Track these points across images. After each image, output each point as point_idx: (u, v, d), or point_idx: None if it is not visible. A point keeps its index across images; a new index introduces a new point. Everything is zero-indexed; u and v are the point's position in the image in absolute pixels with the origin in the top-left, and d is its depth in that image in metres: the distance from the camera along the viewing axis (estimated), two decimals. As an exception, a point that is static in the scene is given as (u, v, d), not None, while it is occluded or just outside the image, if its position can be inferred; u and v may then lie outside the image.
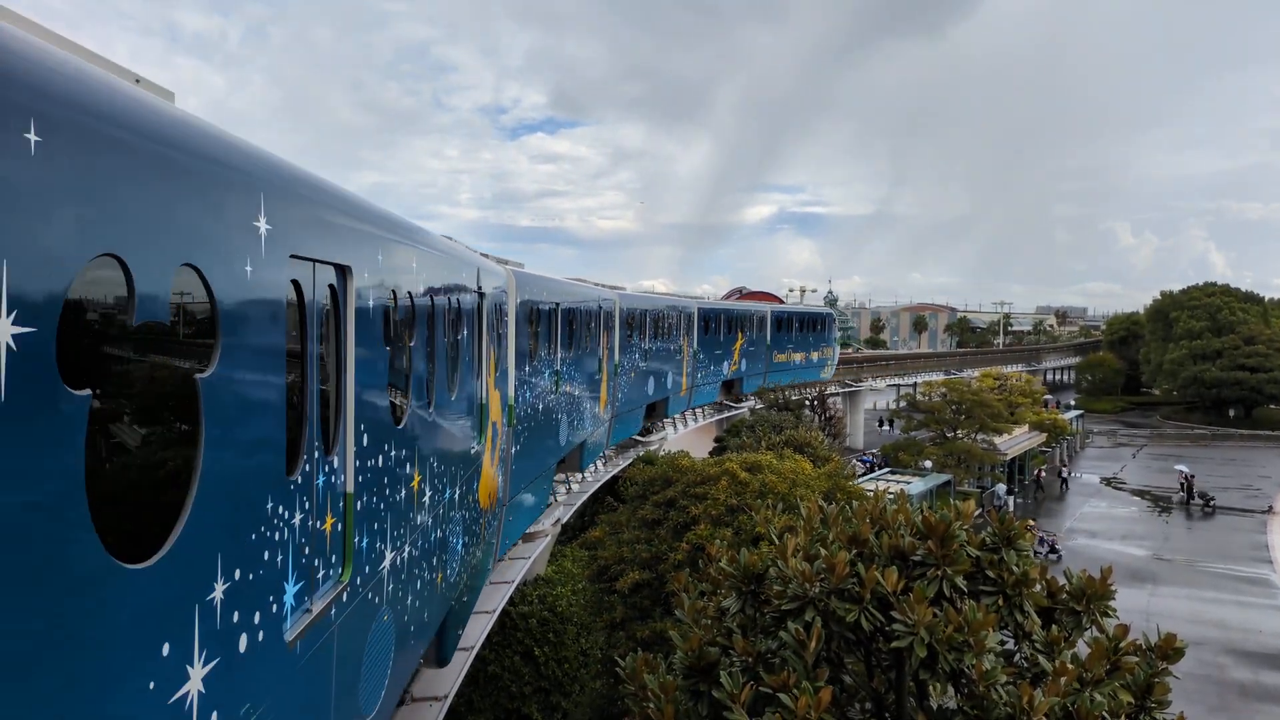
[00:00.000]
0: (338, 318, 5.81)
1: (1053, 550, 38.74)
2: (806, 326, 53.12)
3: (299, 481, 5.06)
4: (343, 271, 5.82)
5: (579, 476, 25.99)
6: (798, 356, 51.64)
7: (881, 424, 77.38)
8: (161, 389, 3.91)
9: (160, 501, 3.72)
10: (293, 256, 4.84)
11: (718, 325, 40.85)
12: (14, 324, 2.56)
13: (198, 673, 3.75)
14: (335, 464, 5.71)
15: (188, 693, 3.67)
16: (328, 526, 5.57)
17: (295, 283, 4.99)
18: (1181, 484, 51.87)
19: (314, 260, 5.28)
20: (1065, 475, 56.56)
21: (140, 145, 3.38)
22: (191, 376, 3.80)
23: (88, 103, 3.06)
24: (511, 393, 14.41)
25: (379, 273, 6.58)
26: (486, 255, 14.15)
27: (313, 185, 5.41)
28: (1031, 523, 39.52)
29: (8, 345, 2.53)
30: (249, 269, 4.22)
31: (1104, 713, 6.29)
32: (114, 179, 3.14)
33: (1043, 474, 55.72)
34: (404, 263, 7.43)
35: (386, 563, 7.00)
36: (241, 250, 4.16)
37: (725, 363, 42.98)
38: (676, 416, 42.30)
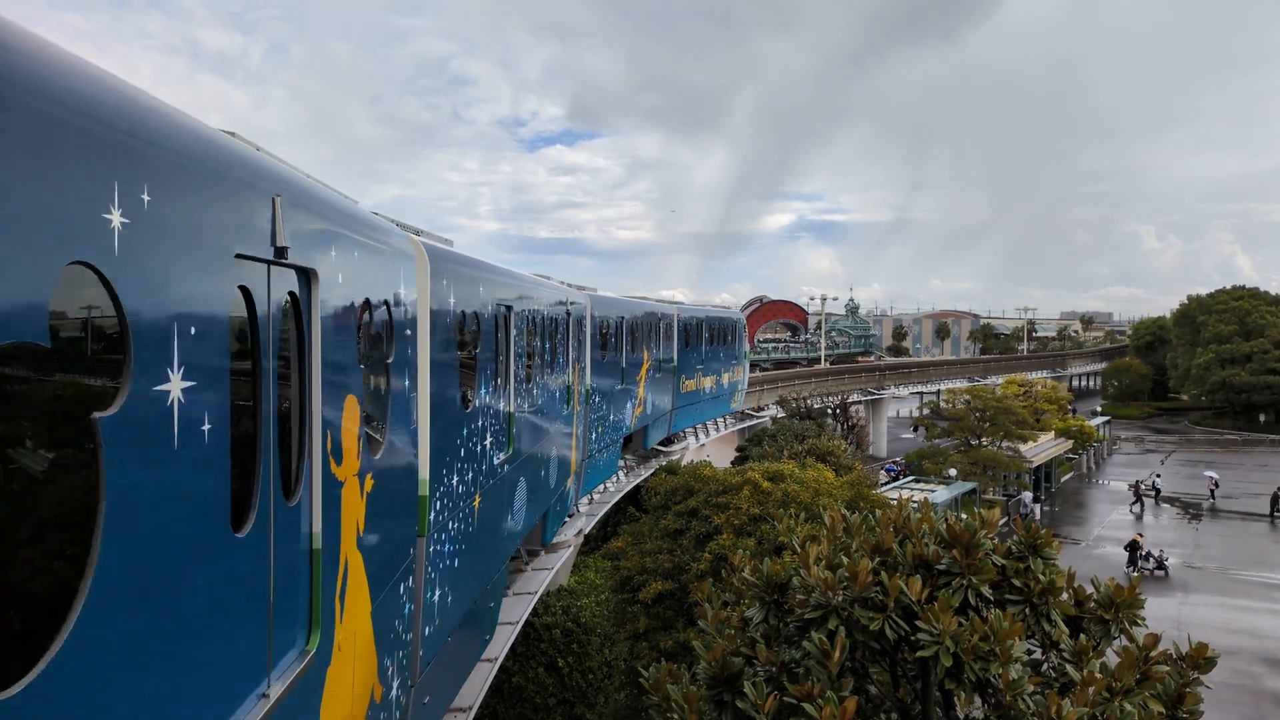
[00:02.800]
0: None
1: (1160, 566, 37.03)
2: (717, 338, 37.52)
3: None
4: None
5: (602, 487, 26.21)
6: (708, 383, 36.53)
7: (916, 429, 76.67)
8: None
9: None
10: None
11: (617, 339, 23.88)
12: None
13: None
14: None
15: None
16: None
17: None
18: (1210, 490, 51.12)
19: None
20: (1152, 487, 52.24)
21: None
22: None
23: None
24: None
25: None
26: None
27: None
28: (1139, 536, 38.32)
29: None
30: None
31: (1133, 722, 6.21)
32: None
33: (1141, 486, 51.35)
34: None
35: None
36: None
37: (628, 405, 25.95)
38: (699, 425, 41.73)
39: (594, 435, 21.96)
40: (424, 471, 8.36)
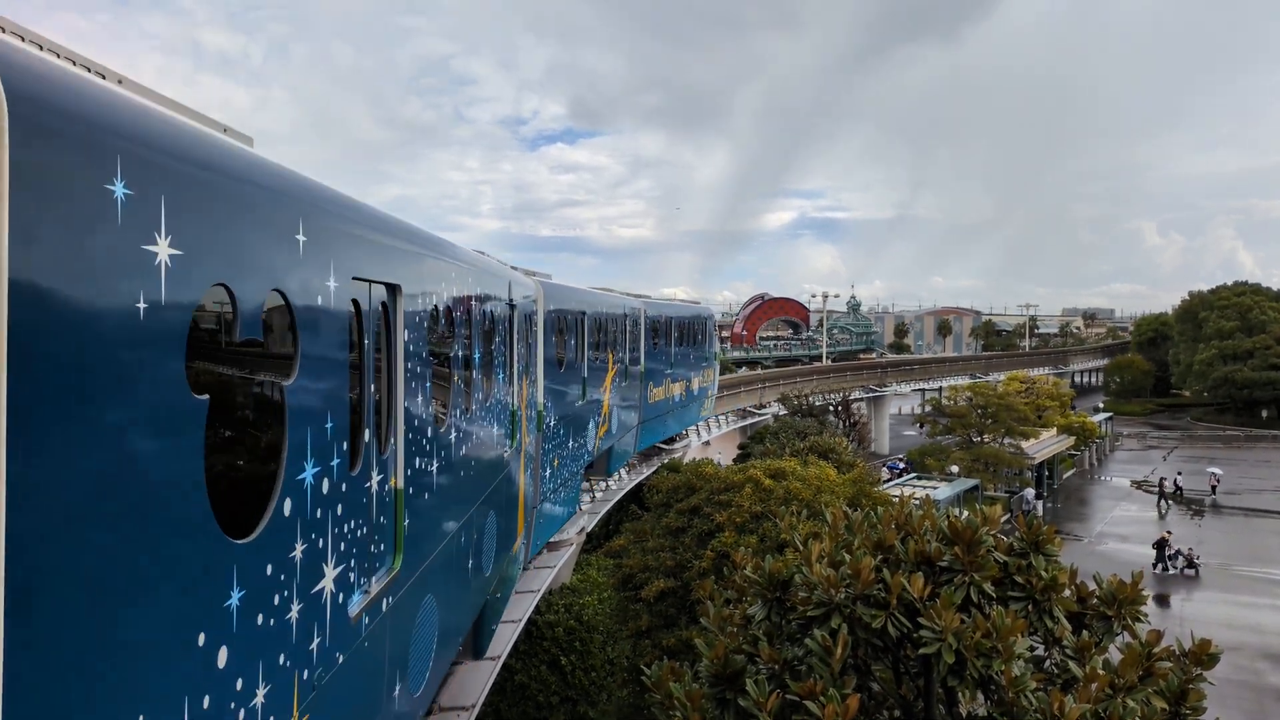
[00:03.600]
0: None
1: (1190, 565, 36.59)
2: (688, 337, 32.65)
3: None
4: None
5: (602, 484, 26.11)
6: (678, 390, 31.32)
7: (922, 425, 76.55)
8: None
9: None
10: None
11: (578, 341, 19.35)
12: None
13: None
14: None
15: None
16: None
17: None
18: (1212, 486, 51.00)
19: None
20: (1175, 486, 51.53)
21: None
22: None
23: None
24: None
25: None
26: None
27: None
28: (1168, 535, 37.49)
29: None
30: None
31: (1136, 719, 6.21)
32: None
33: (1168, 483, 51.19)
34: None
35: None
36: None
37: (592, 425, 21.06)
38: (700, 424, 41.17)
39: (548, 472, 16.78)
40: None
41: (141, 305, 3.12)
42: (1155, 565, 36.21)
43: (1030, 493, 47.98)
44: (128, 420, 3.16)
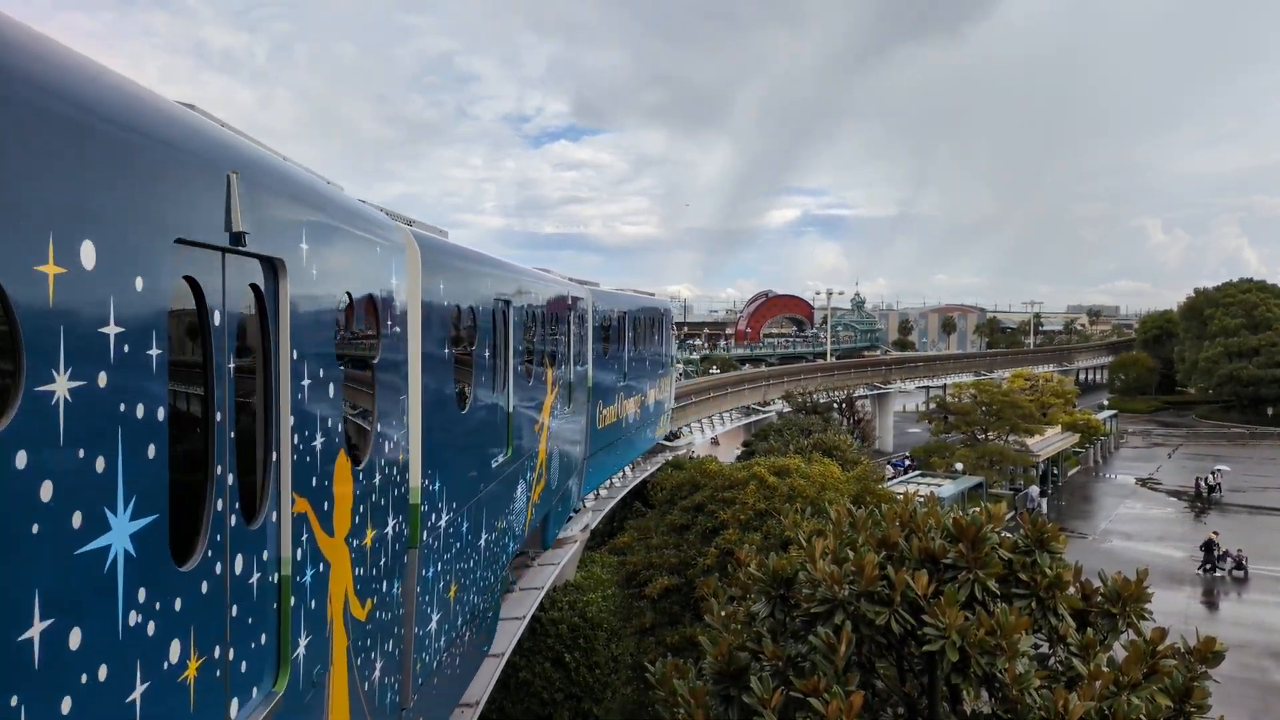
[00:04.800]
0: None
1: (1239, 566, 35.51)
2: (644, 337, 25.69)
3: None
4: None
5: (608, 482, 26.03)
6: (632, 409, 24.27)
7: (930, 422, 76.27)
8: None
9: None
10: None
11: (494, 353, 11.15)
12: None
13: None
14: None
15: None
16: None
17: None
18: (1217, 483, 50.70)
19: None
20: (1208, 484, 50.77)
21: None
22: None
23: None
24: None
25: None
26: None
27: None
28: (1215, 535, 36.04)
29: None
30: None
31: (1140, 716, 6.20)
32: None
33: (1200, 482, 50.72)
34: None
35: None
36: None
37: (519, 493, 12.93)
38: (704, 420, 40.96)
39: (436, 620, 9.01)
40: None
41: None
42: (1202, 567, 35.52)
43: (1035, 490, 47.91)
44: None
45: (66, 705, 2.94)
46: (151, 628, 3.46)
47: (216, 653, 4.08)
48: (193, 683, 3.82)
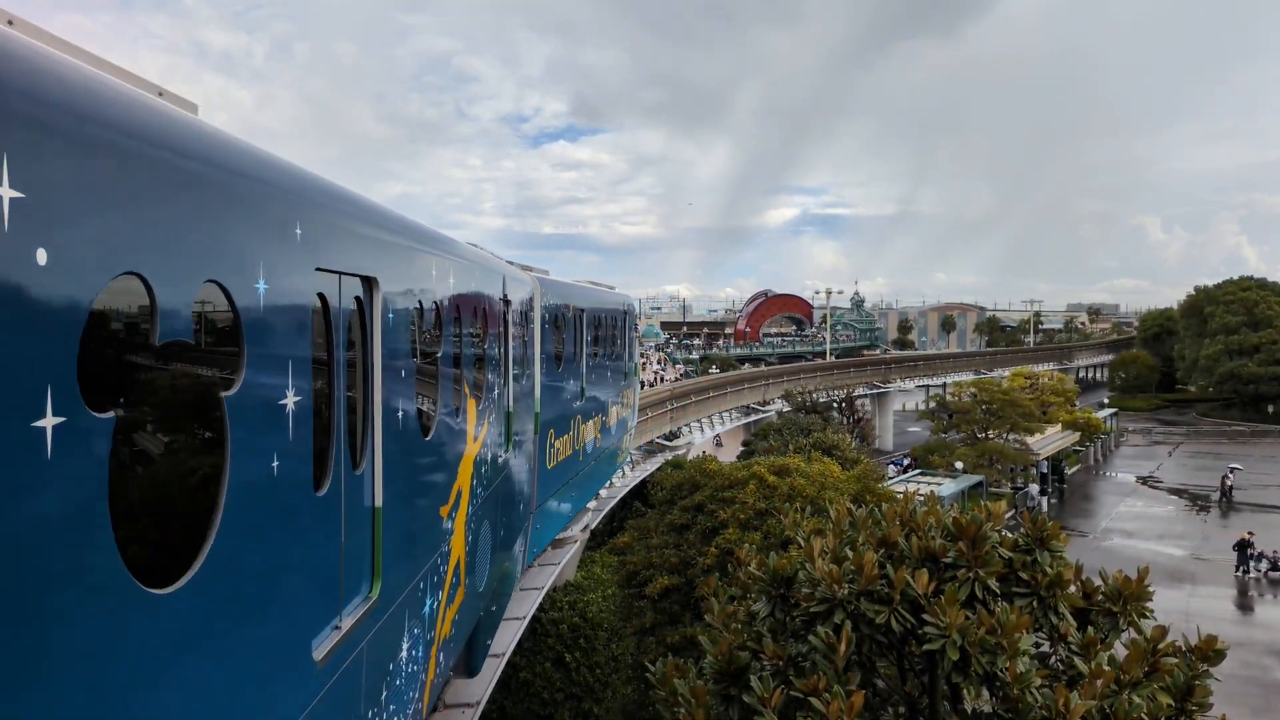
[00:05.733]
0: None
1: (1275, 567, 34.86)
2: (604, 338, 20.02)
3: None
4: None
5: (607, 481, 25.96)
6: (590, 435, 18.53)
7: (937, 416, 76.05)
8: None
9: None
10: None
11: (390, 382, 6.29)
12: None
13: None
14: None
15: None
16: None
17: None
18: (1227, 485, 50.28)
19: None
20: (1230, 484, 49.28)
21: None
22: None
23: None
24: None
25: None
26: None
27: None
28: (1249, 535, 34.67)
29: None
30: None
31: (1142, 714, 6.18)
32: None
33: (1226, 481, 49.15)
34: None
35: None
36: None
37: (437, 578, 7.83)
38: (704, 420, 40.82)
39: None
40: None
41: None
42: (1238, 569, 35.10)
43: (1035, 488, 47.91)
44: None
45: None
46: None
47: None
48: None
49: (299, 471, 4.64)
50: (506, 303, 11.37)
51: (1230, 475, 50.38)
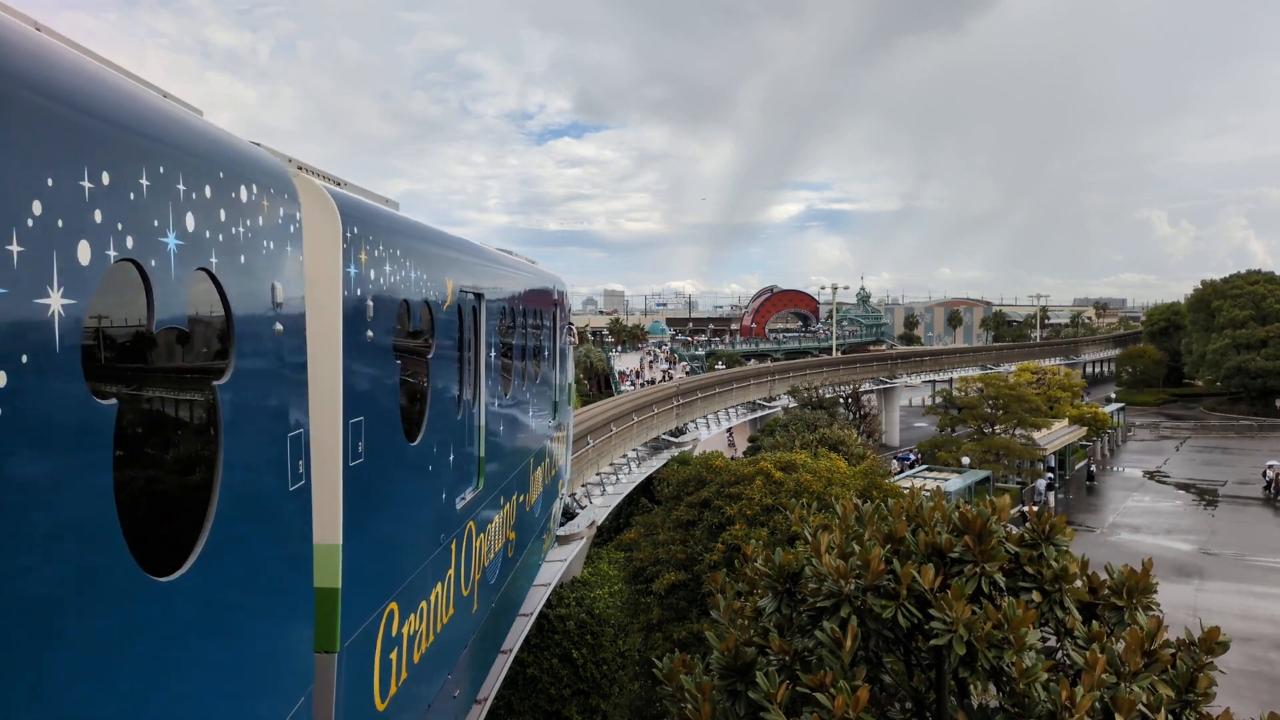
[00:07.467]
0: None
1: None
2: (528, 330, 11.71)
3: None
4: None
5: (614, 478, 25.99)
6: (496, 538, 9.85)
7: (945, 409, 75.57)
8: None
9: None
10: None
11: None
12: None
13: None
14: None
15: None
16: None
17: None
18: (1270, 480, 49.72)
19: None
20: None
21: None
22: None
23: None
24: None
25: None
26: None
27: None
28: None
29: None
30: None
31: (1141, 705, 6.20)
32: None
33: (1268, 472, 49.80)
34: None
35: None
36: None
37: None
38: (710, 416, 40.82)
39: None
40: None
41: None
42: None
43: (1042, 483, 47.86)
44: None
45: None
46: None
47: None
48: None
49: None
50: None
51: (1269, 470, 50.17)
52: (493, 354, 9.37)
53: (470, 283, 8.47)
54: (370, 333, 5.71)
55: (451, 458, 7.77)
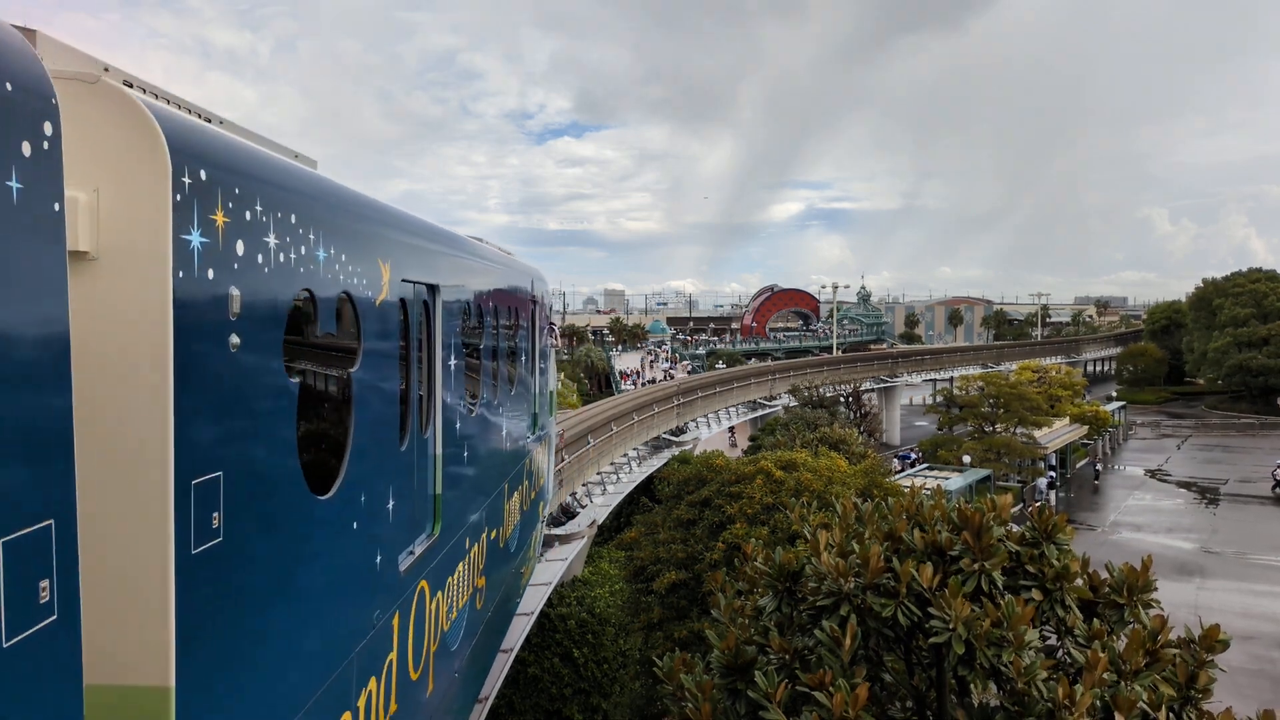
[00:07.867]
0: None
1: None
2: (501, 341, 9.95)
3: None
4: None
5: (615, 477, 25.97)
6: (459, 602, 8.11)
7: (946, 408, 75.54)
8: None
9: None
10: None
11: None
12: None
13: None
14: None
15: None
16: None
17: None
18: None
19: None
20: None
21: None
22: None
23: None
24: None
25: None
26: None
27: None
28: None
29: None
30: None
31: (1143, 702, 6.19)
32: None
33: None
34: None
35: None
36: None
37: None
38: (711, 415, 40.83)
39: None
40: None
41: None
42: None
43: (1043, 482, 47.85)
44: None
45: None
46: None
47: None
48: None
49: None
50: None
51: (1278, 470, 50.12)
52: (451, 362, 7.46)
53: (419, 272, 6.58)
54: (235, 338, 3.59)
55: (390, 505, 5.77)
